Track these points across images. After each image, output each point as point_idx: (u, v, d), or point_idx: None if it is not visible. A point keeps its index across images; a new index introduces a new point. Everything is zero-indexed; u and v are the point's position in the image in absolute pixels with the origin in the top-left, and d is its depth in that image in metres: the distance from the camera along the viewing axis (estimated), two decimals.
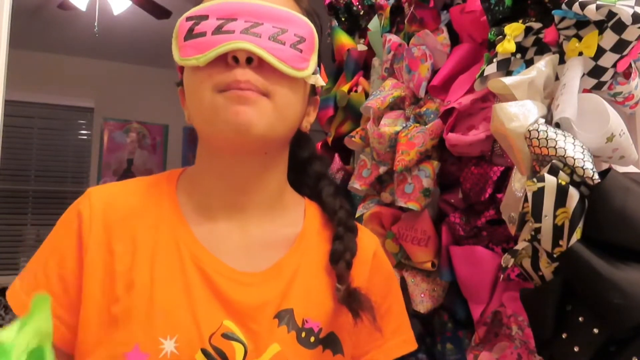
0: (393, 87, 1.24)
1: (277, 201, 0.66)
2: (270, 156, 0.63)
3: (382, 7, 1.39)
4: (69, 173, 4.28)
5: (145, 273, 0.58)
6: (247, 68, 0.56)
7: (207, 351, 0.55)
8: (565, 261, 0.65)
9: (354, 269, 0.64)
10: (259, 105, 0.56)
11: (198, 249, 0.60)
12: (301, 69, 0.59)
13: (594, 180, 0.64)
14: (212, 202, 0.63)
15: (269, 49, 0.57)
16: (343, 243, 0.64)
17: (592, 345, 0.62)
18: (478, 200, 0.99)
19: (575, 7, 0.72)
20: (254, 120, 0.56)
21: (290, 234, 0.65)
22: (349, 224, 0.66)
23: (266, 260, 0.62)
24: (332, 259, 0.63)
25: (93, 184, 4.25)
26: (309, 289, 0.62)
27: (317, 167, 0.72)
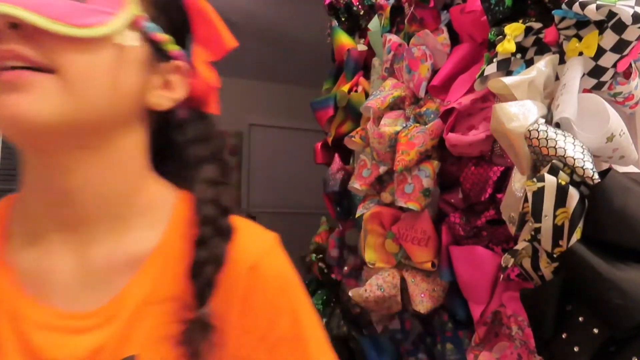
0: (393, 87, 1.24)
1: (124, 207, 0.49)
2: (91, 150, 0.47)
3: (382, 7, 1.39)
4: None
5: None
6: (13, 36, 0.41)
7: None
8: (565, 261, 0.65)
9: (223, 284, 0.48)
10: (36, 87, 0.41)
11: (17, 300, 0.47)
12: (87, 26, 0.42)
13: (594, 180, 0.64)
14: (42, 223, 0.49)
15: (35, 6, 0.41)
16: (207, 250, 0.48)
17: (592, 345, 0.62)
18: (478, 200, 0.99)
19: (576, 7, 0.72)
20: (23, 110, 0.41)
21: (143, 248, 0.49)
22: (219, 223, 0.49)
23: (109, 291, 0.47)
24: (190, 272, 0.47)
25: None
26: (162, 325, 0.46)
27: (196, 151, 0.54)
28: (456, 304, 1.08)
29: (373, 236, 1.20)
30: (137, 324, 0.46)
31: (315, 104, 1.65)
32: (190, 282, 0.47)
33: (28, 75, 0.41)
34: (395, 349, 1.25)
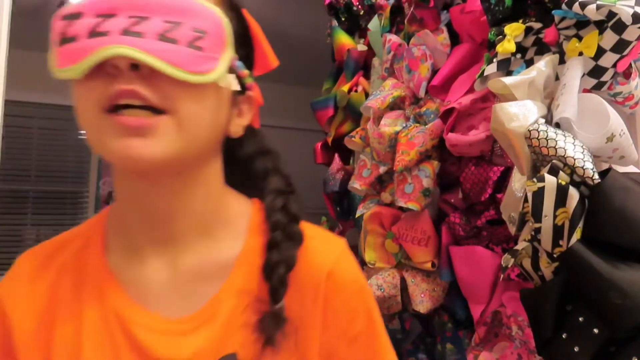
0: (393, 87, 1.24)
1: (211, 220, 0.55)
2: (188, 174, 0.52)
3: (382, 7, 1.39)
4: (69, 173, 4.27)
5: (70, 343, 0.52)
6: (133, 77, 0.45)
7: None
8: (565, 261, 0.65)
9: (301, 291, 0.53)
10: (157, 132, 0.46)
11: (123, 306, 0.52)
12: (204, 72, 0.47)
13: (594, 180, 0.64)
14: (137, 238, 0.54)
15: (156, 51, 0.44)
16: (278, 252, 0.52)
17: (592, 345, 0.62)
18: (478, 200, 0.99)
19: (576, 7, 0.72)
20: (147, 153, 0.45)
21: (229, 257, 0.54)
22: (290, 229, 0.54)
23: (201, 298, 0.52)
24: (263, 272, 0.52)
25: (93, 184, 4.25)
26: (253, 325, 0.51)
27: (262, 163, 0.60)
28: (456, 304, 1.08)
29: (373, 236, 1.20)
30: (233, 328, 0.51)
31: (315, 104, 1.65)
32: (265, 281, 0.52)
33: (150, 121, 0.45)
34: (395, 349, 1.25)
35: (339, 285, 0.56)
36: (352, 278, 0.58)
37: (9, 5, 1.24)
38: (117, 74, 0.45)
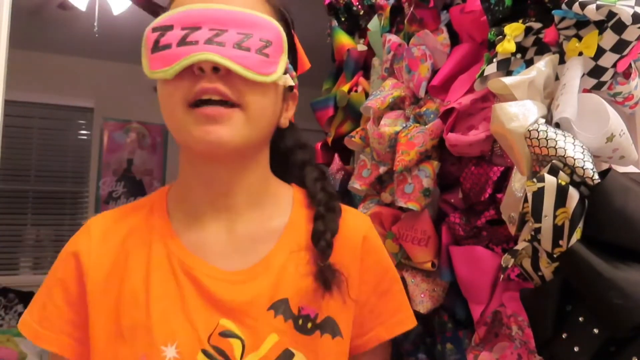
0: (393, 87, 1.24)
1: (262, 195, 0.68)
2: (248, 157, 0.65)
3: (382, 7, 1.39)
4: (69, 173, 4.28)
5: (141, 289, 0.62)
6: (214, 77, 0.58)
7: (207, 351, 0.59)
8: (565, 261, 0.65)
9: (341, 251, 0.66)
10: (231, 121, 0.58)
11: (187, 257, 0.63)
12: (269, 74, 0.60)
13: (594, 180, 0.64)
14: (199, 209, 0.66)
15: (234, 57, 0.57)
16: (324, 222, 0.65)
17: (592, 345, 0.62)
18: (478, 200, 0.99)
19: (575, 7, 0.72)
20: (225, 137, 0.58)
21: (278, 225, 0.67)
22: (330, 204, 0.68)
23: (255, 256, 0.64)
24: (312, 239, 0.65)
25: (93, 184, 4.25)
26: (302, 277, 0.64)
27: (300, 156, 0.74)
28: (456, 304, 1.08)
29: None
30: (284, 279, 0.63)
31: (315, 104, 1.65)
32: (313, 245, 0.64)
33: (226, 111, 0.58)
34: (395, 349, 1.25)
35: (372, 247, 0.70)
36: (379, 243, 0.73)
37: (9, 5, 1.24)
38: (202, 76, 0.57)
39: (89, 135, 4.35)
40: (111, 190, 4.29)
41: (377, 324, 0.69)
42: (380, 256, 0.72)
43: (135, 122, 4.44)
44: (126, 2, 2.98)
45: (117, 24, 3.40)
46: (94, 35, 3.14)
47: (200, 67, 0.57)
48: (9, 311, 3.55)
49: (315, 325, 0.63)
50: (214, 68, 0.57)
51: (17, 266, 4.02)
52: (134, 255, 0.64)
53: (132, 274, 0.63)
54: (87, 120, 4.34)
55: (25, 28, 3.55)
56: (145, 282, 0.62)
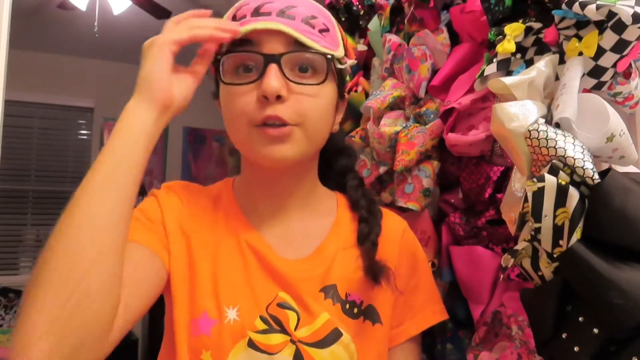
0: (393, 87, 1.24)
1: (311, 197, 0.74)
2: (304, 165, 0.71)
3: (382, 7, 1.38)
4: (69, 173, 4.28)
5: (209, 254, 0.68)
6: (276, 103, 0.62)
7: (264, 318, 0.65)
8: (565, 261, 0.65)
9: (383, 248, 0.71)
10: (292, 138, 0.64)
11: (253, 237, 0.70)
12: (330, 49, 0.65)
13: (594, 180, 0.64)
14: (258, 206, 0.72)
15: (302, 30, 0.62)
16: (368, 225, 0.71)
17: (592, 345, 0.62)
18: (478, 200, 0.99)
19: (575, 7, 0.72)
20: (287, 154, 0.64)
21: (326, 224, 0.74)
22: (372, 209, 0.74)
23: (308, 248, 0.71)
24: (358, 240, 0.71)
25: None
26: (348, 268, 0.70)
27: (342, 162, 0.80)
28: (456, 304, 1.08)
29: None
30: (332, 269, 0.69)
31: None
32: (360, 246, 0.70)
33: (287, 130, 0.63)
34: None
35: (408, 242, 0.77)
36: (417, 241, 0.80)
37: (9, 5, 1.24)
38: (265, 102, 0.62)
39: (89, 135, 4.35)
40: None
41: (408, 317, 0.74)
42: (414, 251, 0.78)
43: None
44: (126, 2, 2.98)
45: (117, 24, 3.41)
46: (94, 35, 3.14)
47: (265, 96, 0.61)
48: (9, 311, 3.55)
49: (360, 311, 0.69)
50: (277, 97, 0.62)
51: (17, 266, 4.02)
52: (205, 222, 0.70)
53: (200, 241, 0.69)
54: (87, 120, 4.35)
55: (25, 28, 3.55)
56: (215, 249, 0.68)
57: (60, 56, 4.13)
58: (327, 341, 0.65)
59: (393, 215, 0.80)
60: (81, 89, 4.21)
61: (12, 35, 1.28)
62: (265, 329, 0.64)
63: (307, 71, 0.65)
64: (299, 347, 0.64)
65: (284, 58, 0.63)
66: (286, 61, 0.63)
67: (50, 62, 4.09)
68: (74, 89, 4.19)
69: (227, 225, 0.71)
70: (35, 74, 3.97)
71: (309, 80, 0.65)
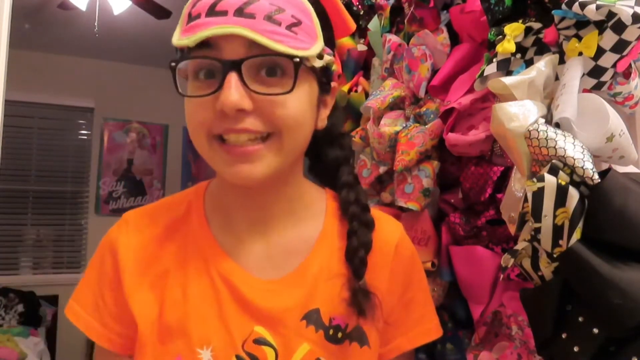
0: (393, 87, 1.24)
1: (297, 204, 0.67)
2: (281, 179, 0.63)
3: (382, 7, 1.39)
4: (69, 173, 4.28)
5: (178, 291, 0.62)
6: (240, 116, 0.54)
7: (241, 357, 0.60)
8: (565, 261, 0.65)
9: (375, 263, 0.65)
10: (262, 156, 0.56)
11: (225, 263, 0.63)
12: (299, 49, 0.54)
13: (594, 180, 0.64)
14: (235, 218, 0.65)
15: (264, 31, 0.52)
16: (357, 239, 0.64)
17: (592, 345, 0.62)
18: (478, 200, 0.99)
19: (575, 7, 0.72)
20: (257, 174, 0.56)
21: (311, 236, 0.66)
22: (363, 218, 0.65)
23: (289, 266, 0.64)
24: (346, 256, 0.64)
25: (93, 184, 4.25)
26: (333, 287, 0.63)
27: (334, 154, 0.70)
28: (456, 304, 1.08)
29: None
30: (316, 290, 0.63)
31: None
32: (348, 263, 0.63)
33: (255, 149, 0.55)
34: None
35: (402, 256, 0.68)
36: (410, 252, 0.71)
37: (9, 5, 1.24)
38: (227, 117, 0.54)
39: (89, 135, 4.35)
40: (111, 190, 4.30)
41: (400, 334, 0.69)
42: (409, 264, 0.70)
43: (135, 122, 4.44)
44: (126, 2, 2.98)
45: (117, 24, 3.40)
46: (94, 35, 3.14)
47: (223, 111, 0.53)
48: (9, 311, 3.55)
49: (345, 334, 0.63)
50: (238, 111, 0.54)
51: (17, 266, 4.02)
52: (169, 257, 0.64)
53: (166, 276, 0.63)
54: (87, 120, 4.34)
55: (25, 28, 3.55)
56: (183, 285, 0.62)
57: (60, 56, 4.13)
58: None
59: (387, 221, 0.71)
60: (81, 89, 4.21)
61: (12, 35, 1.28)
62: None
63: (276, 74, 0.56)
64: None
65: (246, 64, 0.54)
66: (249, 67, 0.55)
67: (50, 62, 4.09)
68: (74, 89, 4.19)
69: (196, 252, 0.64)
70: (35, 74, 3.97)
71: (276, 87, 0.56)
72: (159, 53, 4.14)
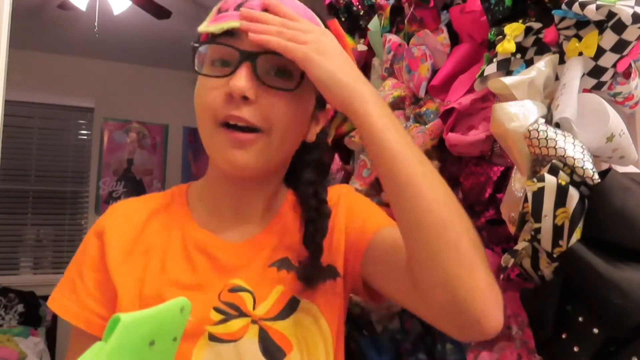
0: (393, 87, 1.24)
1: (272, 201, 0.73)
2: (270, 173, 0.69)
3: (382, 7, 1.39)
4: (69, 173, 4.27)
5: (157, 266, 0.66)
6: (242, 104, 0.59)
7: (219, 308, 0.63)
8: (565, 261, 0.65)
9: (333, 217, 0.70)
10: (254, 147, 0.61)
11: (199, 234, 0.69)
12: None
13: (594, 180, 0.64)
14: (219, 208, 0.71)
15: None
16: (314, 226, 0.68)
17: (592, 345, 0.62)
18: (478, 200, 0.99)
19: (575, 7, 0.72)
20: (249, 163, 0.61)
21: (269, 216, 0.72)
22: (321, 209, 0.70)
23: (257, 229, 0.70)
24: (304, 241, 0.68)
25: (93, 184, 4.25)
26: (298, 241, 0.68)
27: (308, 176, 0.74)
28: None
29: None
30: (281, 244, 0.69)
31: None
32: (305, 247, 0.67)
33: (249, 137, 0.60)
34: (395, 349, 1.25)
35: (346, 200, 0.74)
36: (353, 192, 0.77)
37: (9, 5, 1.24)
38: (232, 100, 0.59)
39: (89, 135, 4.35)
40: (111, 190, 4.29)
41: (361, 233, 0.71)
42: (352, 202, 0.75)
43: (135, 122, 4.44)
44: (126, 2, 2.98)
45: (117, 24, 3.40)
46: (94, 35, 3.14)
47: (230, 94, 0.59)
48: (9, 311, 3.55)
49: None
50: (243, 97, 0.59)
51: (17, 266, 4.02)
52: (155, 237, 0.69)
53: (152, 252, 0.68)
54: (87, 120, 4.34)
55: (25, 28, 3.55)
56: (162, 259, 0.67)
57: (60, 56, 4.13)
58: (286, 311, 0.65)
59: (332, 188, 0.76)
60: (81, 89, 4.20)
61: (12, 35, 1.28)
62: (222, 319, 0.63)
63: (284, 75, 0.62)
64: (262, 324, 0.64)
65: (261, 58, 0.59)
66: (263, 62, 0.60)
67: (50, 62, 4.09)
68: (74, 89, 4.18)
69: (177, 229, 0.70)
70: (35, 74, 3.97)
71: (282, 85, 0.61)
72: (159, 53, 4.14)
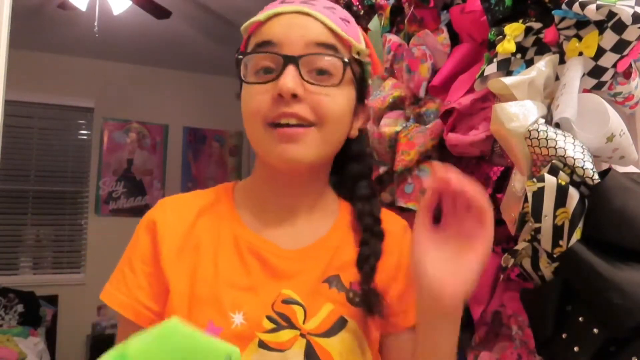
0: (393, 87, 1.24)
1: (319, 200, 0.75)
2: (317, 169, 0.71)
3: (382, 7, 1.39)
4: (69, 173, 4.28)
5: (209, 266, 0.68)
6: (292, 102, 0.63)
7: (271, 317, 0.65)
8: (565, 261, 0.65)
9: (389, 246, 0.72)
10: (306, 140, 0.64)
11: (252, 238, 0.70)
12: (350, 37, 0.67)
13: (594, 180, 0.64)
14: (266, 206, 0.73)
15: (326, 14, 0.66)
16: (369, 248, 0.70)
17: (592, 345, 0.62)
18: None
19: (576, 7, 0.72)
20: (300, 155, 0.64)
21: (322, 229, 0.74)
22: (375, 230, 0.72)
23: (310, 238, 0.72)
24: (358, 263, 0.70)
25: (93, 184, 4.25)
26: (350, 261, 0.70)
27: (355, 168, 0.77)
28: None
29: None
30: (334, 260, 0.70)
31: None
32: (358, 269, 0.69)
33: (302, 131, 0.64)
34: None
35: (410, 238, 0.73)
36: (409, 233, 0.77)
37: (9, 5, 1.24)
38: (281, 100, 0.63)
39: (89, 135, 4.35)
40: (111, 190, 4.29)
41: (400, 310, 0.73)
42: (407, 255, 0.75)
43: (135, 122, 4.44)
44: (126, 2, 2.98)
45: (117, 24, 3.41)
46: (94, 35, 3.14)
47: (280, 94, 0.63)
48: (9, 311, 3.55)
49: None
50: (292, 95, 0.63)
51: (17, 266, 4.02)
52: (202, 236, 0.70)
53: (200, 252, 0.69)
54: (87, 120, 4.34)
55: (25, 28, 3.55)
56: (214, 260, 0.68)
57: (60, 56, 4.13)
58: (334, 329, 0.67)
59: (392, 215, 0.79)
60: (81, 89, 4.20)
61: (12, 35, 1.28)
62: (273, 328, 0.65)
63: (325, 74, 0.66)
64: (309, 339, 0.66)
65: (303, 60, 0.64)
66: (304, 63, 0.64)
67: (50, 62, 4.09)
68: (74, 89, 4.18)
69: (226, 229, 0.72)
70: (35, 74, 3.97)
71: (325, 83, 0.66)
72: (159, 53, 4.14)
